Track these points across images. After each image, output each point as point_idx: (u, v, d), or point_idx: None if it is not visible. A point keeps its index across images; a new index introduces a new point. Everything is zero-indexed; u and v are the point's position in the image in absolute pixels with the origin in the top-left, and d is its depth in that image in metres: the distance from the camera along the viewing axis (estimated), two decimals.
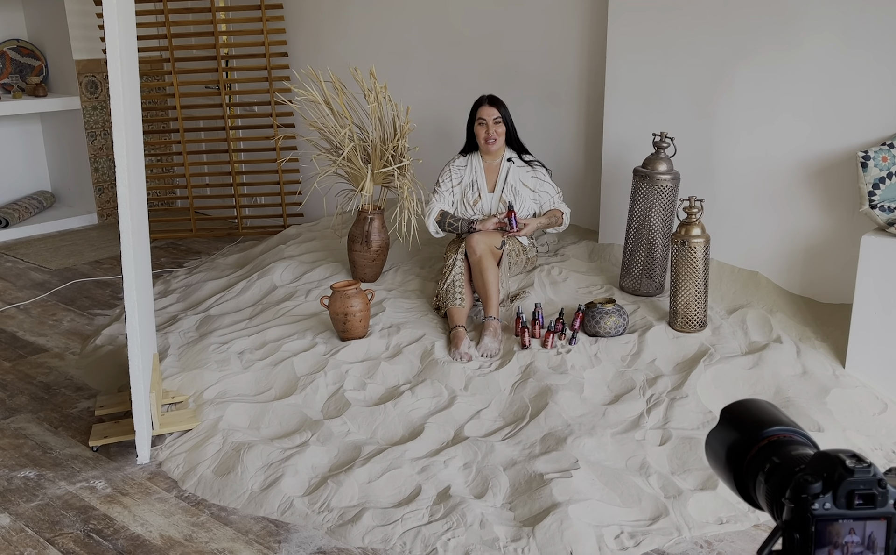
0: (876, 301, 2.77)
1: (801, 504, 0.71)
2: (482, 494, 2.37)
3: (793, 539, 0.71)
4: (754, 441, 0.84)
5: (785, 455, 0.80)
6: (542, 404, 2.75)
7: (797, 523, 0.71)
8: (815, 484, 0.71)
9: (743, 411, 0.88)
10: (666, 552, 2.15)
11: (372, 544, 2.21)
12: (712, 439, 0.89)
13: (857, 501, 0.71)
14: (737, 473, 0.84)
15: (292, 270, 3.99)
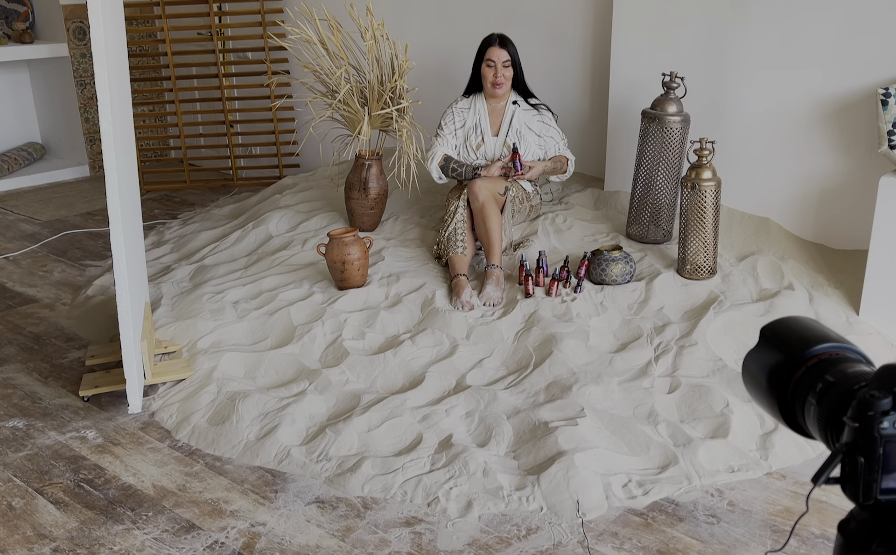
0: (893, 246, 2.69)
1: (868, 423, 0.64)
2: (485, 442, 2.32)
3: (856, 464, 0.65)
4: (801, 361, 0.77)
5: (840, 373, 0.73)
6: (546, 353, 2.68)
7: (862, 446, 0.65)
8: (883, 400, 0.64)
9: (786, 330, 0.81)
10: (675, 501, 2.10)
11: (372, 494, 2.16)
12: (751, 361, 0.82)
13: None
14: (781, 397, 0.77)
15: (288, 219, 3.91)
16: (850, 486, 0.66)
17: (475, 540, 1.97)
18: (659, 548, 1.93)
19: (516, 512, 2.07)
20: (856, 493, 0.66)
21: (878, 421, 0.64)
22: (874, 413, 0.64)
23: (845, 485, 0.67)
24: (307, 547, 1.96)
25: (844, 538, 0.71)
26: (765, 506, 2.08)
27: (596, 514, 2.06)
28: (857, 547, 0.68)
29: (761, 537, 1.96)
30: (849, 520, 0.72)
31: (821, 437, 0.74)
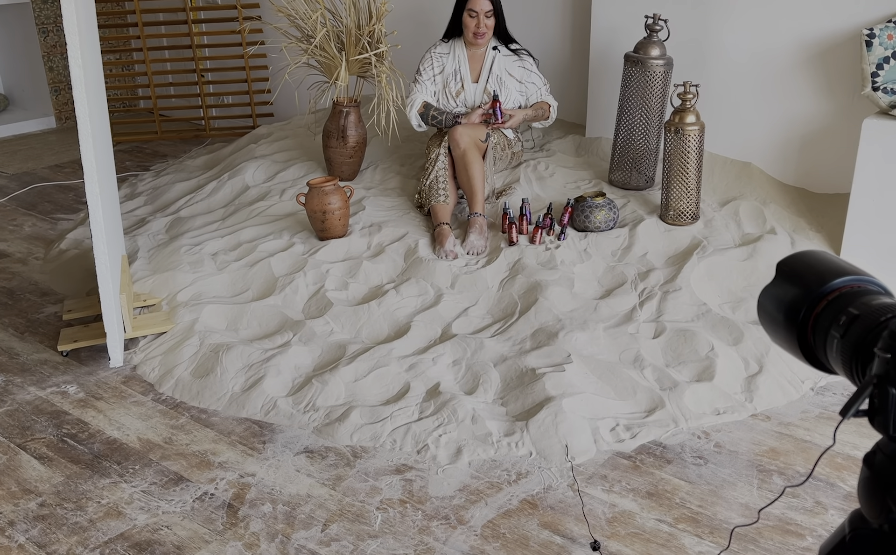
0: (874, 189, 2.71)
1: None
2: (473, 390, 2.33)
3: (887, 396, 0.63)
4: (821, 295, 0.76)
5: (863, 306, 0.72)
6: (531, 300, 2.69)
7: (894, 377, 0.63)
8: None
9: (802, 265, 0.80)
10: (663, 444, 2.13)
11: (361, 443, 2.16)
12: (767, 298, 0.81)
13: None
14: (801, 332, 0.77)
15: (265, 169, 3.85)
16: (879, 418, 0.65)
17: (466, 486, 1.99)
18: (648, 490, 1.96)
19: (506, 458, 2.09)
20: (886, 425, 0.65)
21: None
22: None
23: (874, 417, 0.66)
24: (298, 496, 1.97)
25: (871, 471, 0.70)
26: (751, 447, 2.11)
27: (585, 458, 2.08)
28: (886, 479, 0.67)
29: (748, 477, 2.00)
30: (874, 453, 0.71)
31: (844, 371, 0.73)
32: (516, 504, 1.92)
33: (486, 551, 1.77)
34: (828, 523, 1.82)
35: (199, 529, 1.86)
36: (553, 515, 1.88)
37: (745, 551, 1.74)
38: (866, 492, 0.70)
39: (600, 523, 1.85)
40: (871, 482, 0.69)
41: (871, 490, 0.69)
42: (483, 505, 1.92)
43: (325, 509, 1.92)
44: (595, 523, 1.85)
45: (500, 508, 1.91)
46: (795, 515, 1.86)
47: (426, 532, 1.83)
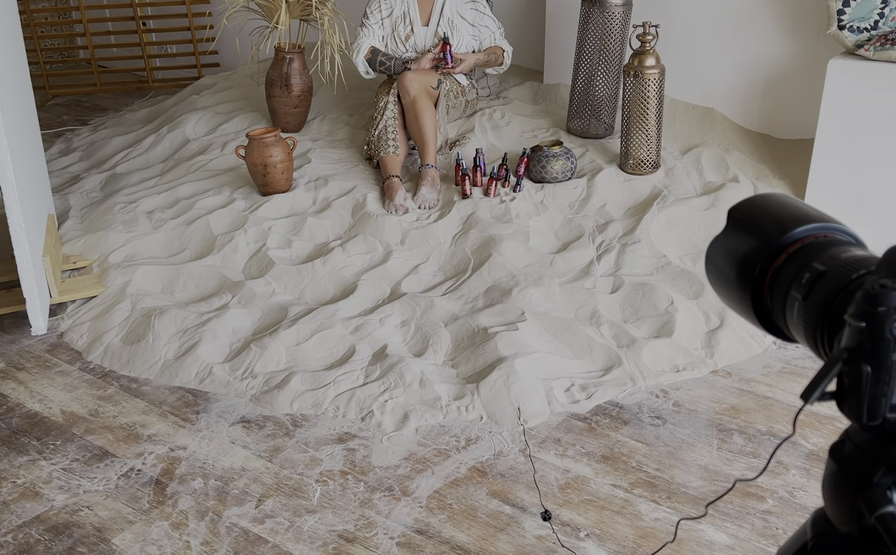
0: (840, 133, 2.63)
1: (878, 322, 0.52)
2: (422, 352, 2.22)
3: (860, 374, 0.52)
4: (780, 247, 0.63)
5: (831, 260, 0.60)
6: (485, 256, 2.58)
7: (869, 351, 0.52)
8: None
9: (759, 210, 0.67)
10: (619, 404, 2.05)
11: (301, 410, 2.05)
12: (717, 250, 0.69)
13: None
14: (756, 292, 0.64)
15: (206, 121, 3.68)
16: (850, 402, 0.54)
17: (412, 454, 1.89)
18: (603, 453, 1.88)
19: (455, 423, 1.99)
20: (858, 410, 0.53)
21: (892, 319, 0.51)
22: (886, 308, 0.51)
23: (844, 400, 0.55)
24: (231, 470, 1.85)
25: (839, 466, 0.58)
26: (710, 405, 2.04)
27: (538, 420, 1.99)
28: (857, 476, 0.56)
29: (707, 437, 1.92)
30: (843, 443, 0.59)
31: (807, 341, 0.61)
32: (465, 472, 1.83)
33: (431, 523, 1.67)
34: (789, 483, 1.76)
35: (122, 508, 1.74)
36: (503, 483, 1.79)
37: (695, 508, 1.67)
38: (833, 491, 0.58)
39: (552, 491, 1.76)
40: (839, 480, 0.57)
41: (839, 489, 0.57)
42: (429, 474, 1.82)
43: (261, 484, 1.81)
44: (547, 490, 1.76)
45: (447, 477, 1.81)
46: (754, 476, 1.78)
47: (368, 505, 1.73)
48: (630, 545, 1.60)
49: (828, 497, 0.59)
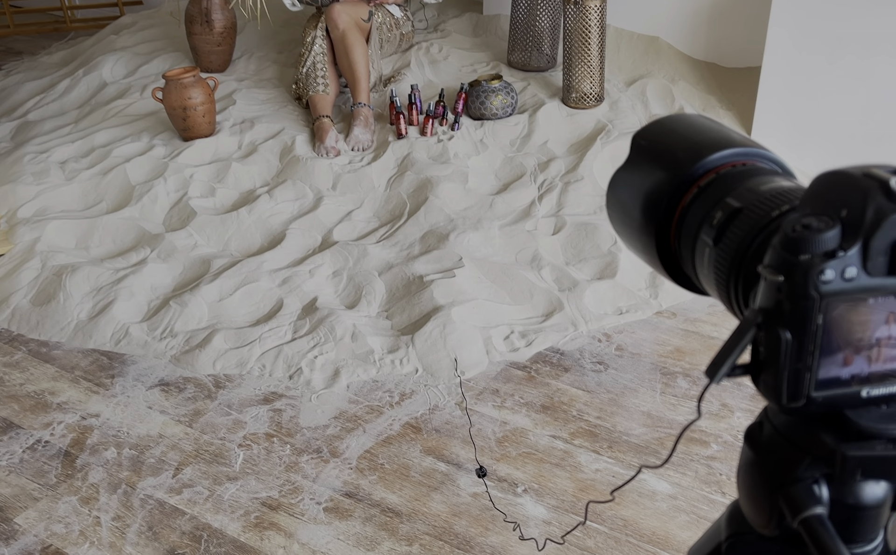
0: (786, 60, 2.56)
1: (800, 275, 0.41)
2: (354, 303, 2.13)
3: (778, 343, 0.42)
4: (690, 178, 0.53)
5: (749, 194, 0.49)
6: (421, 199, 2.48)
7: (789, 313, 0.41)
8: (825, 232, 0.40)
9: (668, 134, 0.56)
10: (561, 350, 1.99)
11: (225, 370, 1.95)
12: (618, 186, 0.58)
13: None
14: (661, 235, 0.54)
15: (125, 63, 3.48)
16: (767, 377, 0.43)
17: (342, 412, 1.81)
18: (543, 403, 1.82)
19: (389, 377, 1.91)
20: (777, 389, 0.43)
21: (817, 269, 0.40)
22: (810, 257, 0.41)
23: (759, 375, 0.44)
24: (148, 438, 1.75)
25: (756, 454, 0.48)
26: (654, 348, 1.99)
27: (475, 371, 1.92)
28: (777, 469, 0.46)
29: (650, 382, 1.87)
30: (760, 425, 0.49)
31: (720, 296, 0.51)
32: (398, 429, 1.75)
33: (361, 486, 1.60)
34: (734, 426, 1.72)
35: (26, 485, 1.63)
36: (438, 438, 1.72)
37: (637, 457, 1.62)
38: (749, 486, 0.48)
39: (489, 445, 1.70)
40: (756, 473, 0.47)
41: (756, 484, 0.47)
42: (360, 433, 1.75)
43: (179, 451, 1.71)
44: (484, 444, 1.70)
45: (379, 435, 1.74)
46: (700, 421, 1.74)
47: (294, 469, 1.65)
48: (569, 499, 1.55)
49: (743, 492, 0.49)
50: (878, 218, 0.40)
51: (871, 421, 0.43)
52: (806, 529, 0.42)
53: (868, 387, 0.43)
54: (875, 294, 0.41)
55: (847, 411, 0.43)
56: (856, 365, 0.43)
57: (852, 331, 0.42)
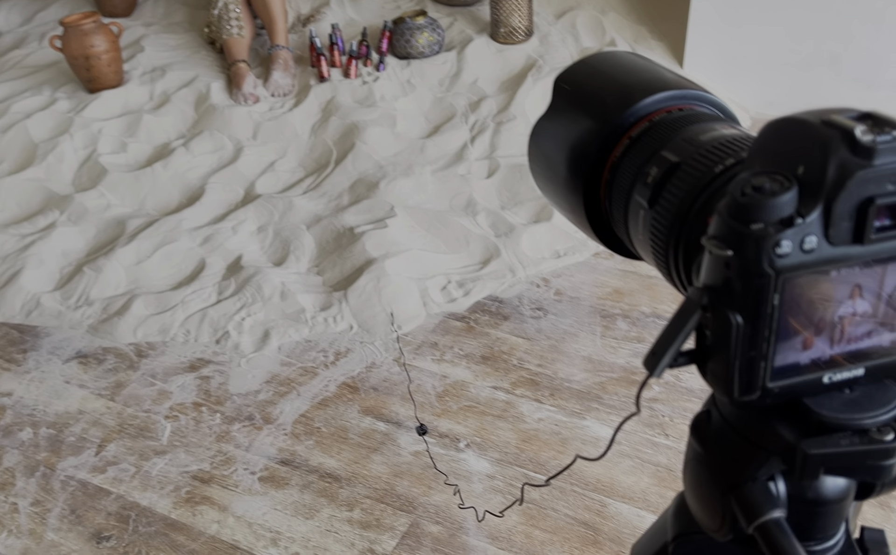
0: None
1: (749, 247, 0.35)
2: (282, 260, 2.08)
3: (727, 329, 0.37)
4: (619, 128, 0.47)
5: (687, 145, 0.44)
6: (348, 146, 2.42)
7: (738, 293, 0.36)
8: (780, 196, 0.35)
9: (594, 77, 0.51)
10: (499, 298, 1.98)
11: (147, 338, 1.89)
12: (540, 137, 0.53)
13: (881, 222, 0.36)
14: (589, 194, 0.49)
15: (21, 9, 3.30)
16: (716, 366, 0.38)
17: (274, 376, 1.77)
18: (483, 354, 1.81)
19: (322, 336, 1.88)
20: (727, 380, 0.38)
21: (772, 241, 0.35)
22: (763, 226, 0.35)
23: (706, 363, 0.39)
24: (66, 415, 1.69)
25: (704, 449, 0.43)
26: (593, 290, 1.99)
27: (413, 325, 1.90)
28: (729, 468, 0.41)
29: (590, 325, 1.88)
30: (708, 416, 0.44)
31: (658, 266, 0.45)
32: (334, 390, 1.73)
33: (297, 452, 1.58)
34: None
35: None
36: (376, 397, 1.70)
37: (588, 412, 1.64)
38: (698, 485, 0.44)
39: (430, 400, 1.69)
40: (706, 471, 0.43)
41: (706, 484, 0.43)
42: (294, 397, 1.71)
43: (101, 427, 1.66)
44: (424, 400, 1.69)
45: (314, 397, 1.71)
46: (640, 362, 1.76)
47: (225, 439, 1.61)
48: (512, 452, 1.55)
49: (691, 492, 0.45)
50: (842, 176, 0.34)
51: (834, 410, 0.39)
52: (763, 535, 0.38)
53: (830, 371, 0.39)
54: (838, 266, 0.36)
55: (807, 400, 0.39)
56: (817, 348, 0.38)
57: (813, 310, 0.37)
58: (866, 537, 0.48)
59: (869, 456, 0.38)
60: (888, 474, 0.38)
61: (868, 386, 0.40)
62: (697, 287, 0.38)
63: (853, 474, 0.39)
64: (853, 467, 0.38)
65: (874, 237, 0.36)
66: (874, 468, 0.38)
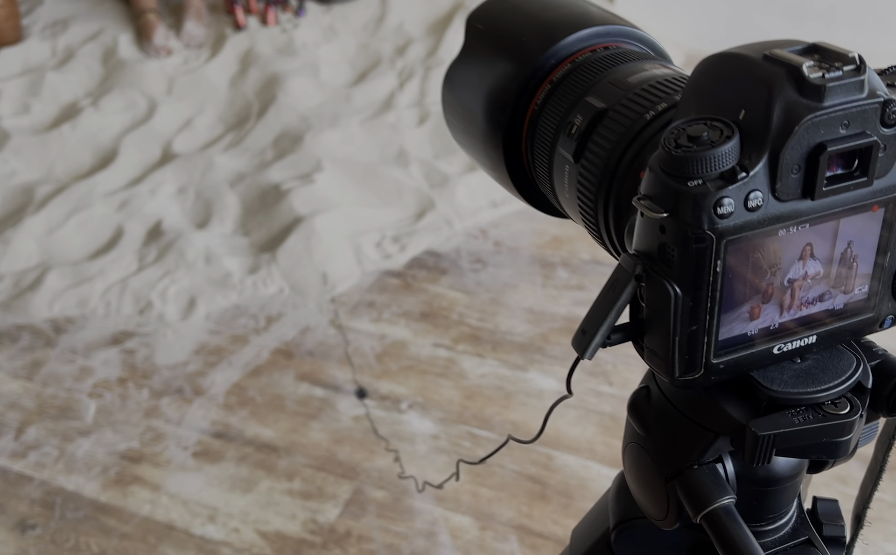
0: None
1: (688, 209, 0.31)
2: (205, 222, 2.02)
3: (665, 300, 0.33)
4: (539, 71, 0.44)
5: (615, 88, 0.41)
6: (269, 98, 2.35)
7: (678, 262, 0.33)
8: (720, 146, 0.31)
9: (510, 13, 0.47)
10: (437, 252, 1.96)
11: (64, 312, 1.82)
12: (454, 83, 0.49)
13: (833, 171, 0.33)
14: (510, 147, 0.46)
15: None
16: (653, 343, 0.35)
17: (203, 345, 1.73)
18: (422, 311, 1.79)
19: (252, 301, 1.84)
20: (667, 358, 0.34)
21: (712, 200, 0.31)
22: (701, 182, 0.31)
23: (642, 338, 0.36)
24: None
25: (645, 431, 0.40)
26: (532, 239, 1.99)
27: (347, 284, 1.87)
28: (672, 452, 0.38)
29: (530, 276, 1.88)
30: (646, 393, 0.41)
31: (590, 229, 0.42)
32: (267, 357, 1.70)
33: (231, 423, 1.54)
34: None
35: None
36: (312, 362, 1.68)
37: (532, 364, 1.64)
38: (639, 471, 0.41)
39: (368, 362, 1.67)
40: (647, 456, 0.39)
41: (648, 470, 0.39)
42: (226, 366, 1.68)
43: (19, 410, 1.59)
44: (362, 362, 1.67)
45: (246, 365, 1.68)
46: (581, 310, 1.76)
47: (154, 415, 1.57)
48: (455, 410, 1.54)
49: (632, 477, 0.42)
50: (790, 120, 0.31)
51: (786, 384, 0.36)
52: (710, 525, 0.36)
53: (780, 341, 0.36)
54: (787, 223, 0.33)
55: (755, 374, 0.36)
56: (765, 316, 0.35)
57: (760, 274, 0.34)
58: (819, 509, 0.46)
59: (824, 433, 0.35)
60: (844, 451, 0.36)
61: (820, 354, 0.38)
62: (630, 254, 0.35)
63: (808, 453, 0.36)
64: (808, 447, 0.36)
65: (826, 189, 0.33)
66: (829, 446, 0.36)
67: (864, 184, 0.33)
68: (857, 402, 0.36)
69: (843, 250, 0.35)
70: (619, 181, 0.39)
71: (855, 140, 0.32)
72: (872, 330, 0.38)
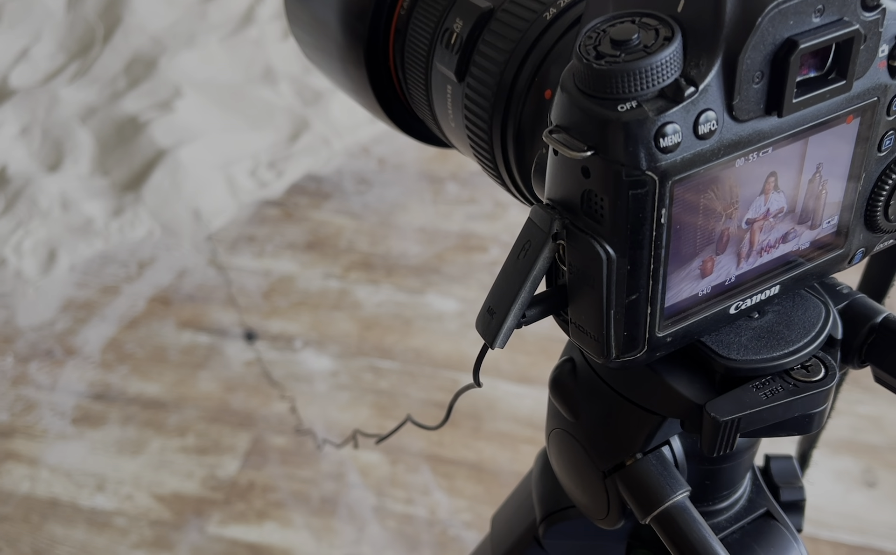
0: None
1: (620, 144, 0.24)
2: (57, 164, 1.92)
3: (594, 264, 0.26)
4: None
5: None
6: (114, 20, 2.23)
7: (609, 214, 0.25)
8: (658, 54, 0.23)
9: None
10: (318, 176, 1.93)
11: None
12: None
13: (804, 75, 0.26)
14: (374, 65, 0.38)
15: None
16: (580, 318, 0.28)
17: (70, 300, 1.66)
18: (307, 241, 1.77)
19: (119, 247, 1.77)
20: (600, 337, 0.28)
21: (651, 128, 0.24)
22: (637, 105, 0.24)
23: (563, 309, 0.29)
24: None
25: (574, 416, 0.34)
26: (418, 153, 1.98)
27: (224, 219, 1.83)
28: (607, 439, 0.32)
29: (419, 193, 1.88)
30: (571, 367, 0.34)
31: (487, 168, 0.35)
32: (143, 307, 1.64)
33: (112, 383, 1.50)
34: (511, 225, 1.78)
35: None
36: (193, 307, 1.63)
37: (429, 286, 1.65)
38: (570, 464, 0.35)
39: (255, 301, 1.64)
40: (578, 446, 0.34)
41: (581, 462, 0.34)
42: (98, 321, 1.62)
43: None
44: (248, 302, 1.64)
45: (121, 318, 1.62)
46: (474, 225, 1.78)
47: (23, 382, 1.50)
48: (353, 342, 1.54)
49: (563, 470, 0.36)
50: (750, 10, 0.24)
51: (745, 350, 0.30)
52: (662, 526, 0.30)
53: (739, 298, 0.30)
54: (747, 150, 0.26)
55: (708, 340, 0.30)
56: (719, 271, 0.29)
57: (714, 219, 0.27)
58: (774, 470, 0.41)
59: (797, 407, 0.30)
60: (818, 424, 0.31)
61: (781, 304, 0.32)
62: (543, 204, 0.28)
63: (777, 431, 0.31)
64: (777, 425, 0.30)
65: (796, 101, 0.26)
66: (802, 420, 0.30)
67: (842, 88, 0.27)
68: (832, 362, 0.31)
69: (811, 177, 0.29)
70: (516, 103, 0.31)
71: (832, 31, 0.25)
72: (840, 268, 0.33)
